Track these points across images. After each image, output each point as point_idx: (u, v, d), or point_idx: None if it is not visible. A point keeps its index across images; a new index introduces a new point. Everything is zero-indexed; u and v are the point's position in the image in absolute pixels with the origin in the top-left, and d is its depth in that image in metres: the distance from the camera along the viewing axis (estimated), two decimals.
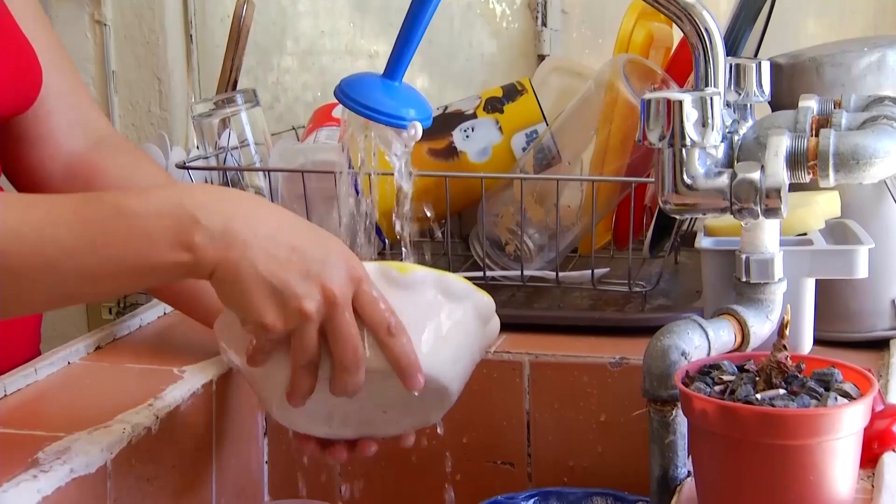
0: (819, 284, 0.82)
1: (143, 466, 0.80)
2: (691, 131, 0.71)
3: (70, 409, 0.83)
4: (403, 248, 0.92)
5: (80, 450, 0.74)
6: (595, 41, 1.36)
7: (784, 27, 1.25)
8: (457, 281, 0.76)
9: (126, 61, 1.49)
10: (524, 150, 1.10)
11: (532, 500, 0.90)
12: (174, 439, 0.84)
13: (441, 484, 0.95)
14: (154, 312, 1.05)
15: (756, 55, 1.03)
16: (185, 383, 0.87)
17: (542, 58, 1.36)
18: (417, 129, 0.92)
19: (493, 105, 1.12)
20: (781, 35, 1.21)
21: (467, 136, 1.11)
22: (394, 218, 0.85)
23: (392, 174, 1.03)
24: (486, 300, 0.78)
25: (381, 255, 1.19)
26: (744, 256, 0.76)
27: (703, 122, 0.72)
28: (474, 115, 1.12)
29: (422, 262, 0.94)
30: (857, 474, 0.67)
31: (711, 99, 0.72)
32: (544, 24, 1.35)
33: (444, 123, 1.11)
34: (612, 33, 1.12)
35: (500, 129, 1.11)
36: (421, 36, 0.95)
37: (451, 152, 1.11)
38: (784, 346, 0.68)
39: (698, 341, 0.73)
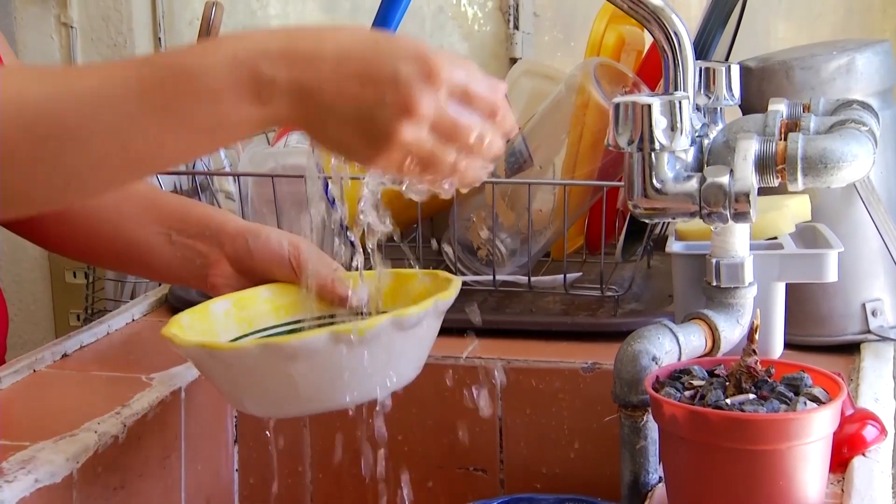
0: (789, 288, 0.83)
1: (109, 475, 0.79)
2: (660, 135, 0.72)
3: (35, 417, 0.82)
4: (371, 254, 0.92)
5: (45, 459, 0.74)
6: (567, 44, 1.37)
7: (754, 30, 1.26)
8: (410, 314, 0.73)
9: (94, 61, 1.48)
10: None
11: None
12: (142, 447, 0.84)
13: (416, 490, 0.96)
14: (122, 319, 1.05)
15: (727, 58, 1.04)
16: (154, 391, 0.87)
17: (513, 61, 1.36)
18: None
19: None
20: (752, 38, 1.22)
21: None
22: (361, 221, 0.84)
23: (362, 178, 1.03)
24: (444, 301, 0.76)
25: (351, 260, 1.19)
26: (714, 261, 0.76)
27: (672, 126, 0.72)
28: None
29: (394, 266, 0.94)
30: (826, 479, 0.67)
31: (680, 103, 0.72)
32: (516, 26, 1.36)
33: None
34: (584, 36, 1.12)
35: None
36: (398, 25, 0.95)
37: None
38: (754, 351, 0.69)
39: (669, 346, 0.74)
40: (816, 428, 0.64)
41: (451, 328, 0.99)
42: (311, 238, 0.92)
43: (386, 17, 0.94)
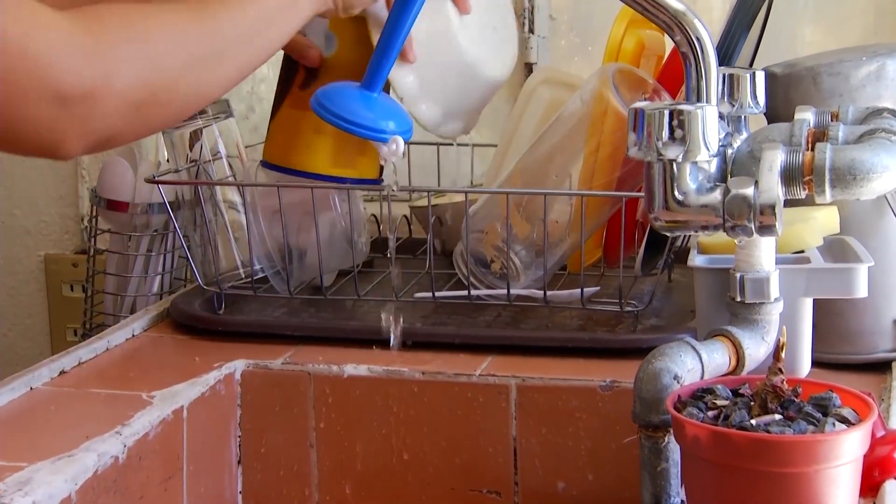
0: (817, 304, 0.83)
1: (109, 497, 0.80)
2: (682, 145, 0.72)
3: (32, 437, 0.83)
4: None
5: (42, 480, 0.74)
6: (584, 48, 1.37)
7: (780, 34, 1.26)
8: None
9: None
10: None
11: None
12: (143, 468, 0.84)
13: None
14: (122, 334, 1.05)
15: (751, 64, 1.04)
16: (155, 409, 0.88)
17: (529, 66, 1.36)
18: (399, 144, 0.93)
19: None
20: (777, 43, 1.22)
21: None
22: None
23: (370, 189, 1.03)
24: None
25: (368, 265, 1.19)
26: (738, 275, 0.77)
27: (695, 136, 0.72)
28: None
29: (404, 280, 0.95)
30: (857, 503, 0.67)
31: (703, 111, 0.72)
32: (531, 30, 1.36)
33: None
34: (602, 40, 1.13)
35: None
36: (402, 43, 0.96)
37: None
38: (780, 370, 0.69)
39: (691, 364, 0.74)
40: (846, 450, 0.64)
41: (464, 345, 0.99)
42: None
43: (397, 21, 0.94)
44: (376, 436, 0.96)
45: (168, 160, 1.17)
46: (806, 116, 0.79)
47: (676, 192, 0.73)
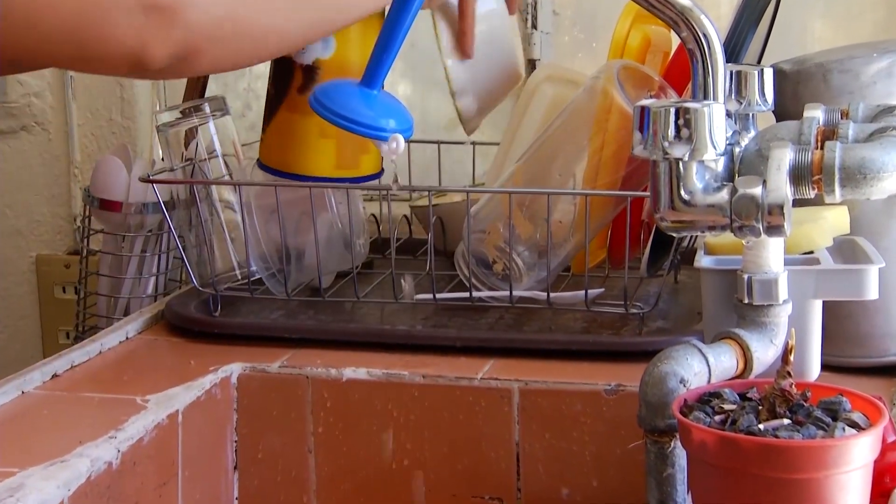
0: (827, 306, 0.83)
1: None
2: (688, 143, 0.72)
3: (24, 442, 0.83)
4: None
5: (34, 486, 0.74)
6: (588, 44, 1.37)
7: (789, 30, 1.26)
8: None
9: None
10: None
11: None
12: (137, 474, 0.84)
13: None
14: (115, 337, 1.05)
15: (760, 61, 1.04)
16: (150, 413, 0.88)
17: (532, 62, 1.37)
18: (399, 142, 0.93)
19: None
20: (786, 39, 1.22)
21: None
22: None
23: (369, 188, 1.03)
24: None
25: (367, 266, 1.19)
26: (746, 277, 0.77)
27: (702, 134, 0.72)
28: None
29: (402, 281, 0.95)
30: None
31: (710, 109, 0.72)
32: (534, 26, 1.36)
33: None
34: (607, 36, 1.13)
35: None
36: (402, 39, 0.96)
37: None
38: (788, 373, 0.69)
39: (698, 367, 0.74)
40: (856, 456, 0.65)
41: (466, 347, 0.99)
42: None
43: (397, 16, 0.94)
44: (376, 441, 0.97)
45: (163, 158, 1.17)
46: (815, 114, 0.79)
47: (683, 192, 0.73)
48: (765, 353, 0.77)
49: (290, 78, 1.04)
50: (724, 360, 0.75)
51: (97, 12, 0.76)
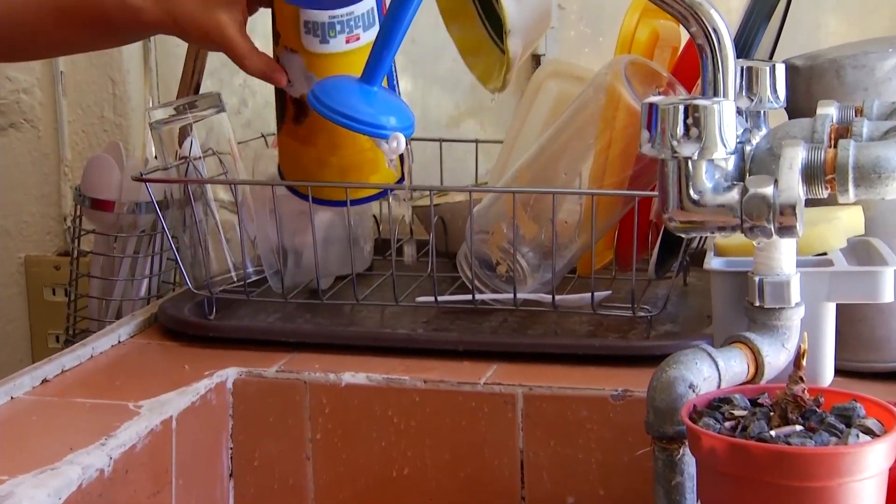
0: (840, 309, 0.83)
1: None
2: (698, 141, 0.72)
3: (13, 449, 0.83)
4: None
5: (24, 494, 0.74)
6: (595, 39, 1.37)
7: (802, 25, 1.26)
8: None
9: (76, 61, 1.50)
10: None
11: None
12: (130, 482, 0.84)
13: None
14: (107, 341, 1.06)
15: (771, 56, 1.04)
16: (142, 420, 0.88)
17: (536, 58, 1.37)
18: (399, 141, 0.93)
19: None
20: (799, 34, 1.22)
21: None
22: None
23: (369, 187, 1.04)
24: None
25: (367, 268, 1.20)
26: (757, 279, 0.77)
27: (711, 132, 0.72)
28: None
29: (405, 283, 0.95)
30: None
31: (720, 106, 0.72)
32: None
33: None
34: (614, 30, 1.13)
35: None
36: (403, 34, 0.96)
37: None
38: (801, 378, 0.69)
39: (707, 372, 0.74)
40: (870, 463, 0.65)
41: (468, 352, 1.00)
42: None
43: (398, 11, 0.95)
44: (376, 448, 0.97)
45: (156, 157, 1.17)
46: (828, 111, 0.79)
47: (692, 192, 0.73)
48: (776, 357, 0.77)
49: (284, 109, 1.04)
50: (734, 365, 0.75)
51: None
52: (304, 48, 0.99)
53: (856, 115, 0.81)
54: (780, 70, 0.83)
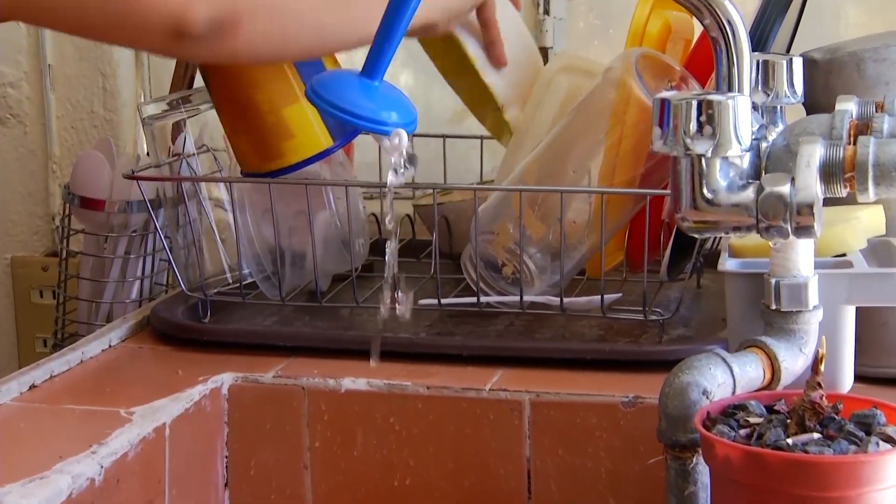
0: (860, 313, 0.83)
1: None
2: (711, 138, 0.72)
3: (0, 457, 0.83)
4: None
5: None
6: (605, 31, 1.37)
7: (820, 16, 1.26)
8: None
9: (65, 53, 1.50)
10: None
11: None
12: (121, 492, 0.85)
13: None
14: (98, 345, 1.06)
15: (788, 49, 1.04)
16: (134, 427, 0.88)
17: (544, 50, 1.37)
18: (401, 137, 0.93)
19: None
20: (817, 25, 1.22)
21: None
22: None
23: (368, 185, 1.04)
24: None
25: (367, 269, 1.20)
26: (773, 281, 0.77)
27: (726, 128, 0.73)
28: None
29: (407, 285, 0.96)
30: None
31: (735, 101, 0.73)
32: (546, 11, 1.37)
33: None
34: (624, 22, 1.13)
35: None
36: (405, 27, 0.96)
37: None
38: (819, 384, 0.69)
39: (722, 378, 0.74)
40: (891, 472, 0.65)
41: (473, 357, 1.00)
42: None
43: (400, 2, 0.95)
44: (377, 456, 0.97)
45: (148, 154, 1.17)
46: (848, 107, 0.79)
47: (705, 190, 0.73)
48: (794, 362, 0.77)
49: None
50: (749, 370, 0.76)
51: None
52: None
53: (876, 111, 0.81)
54: (798, 63, 0.83)
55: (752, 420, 0.70)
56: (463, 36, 1.11)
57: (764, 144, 0.77)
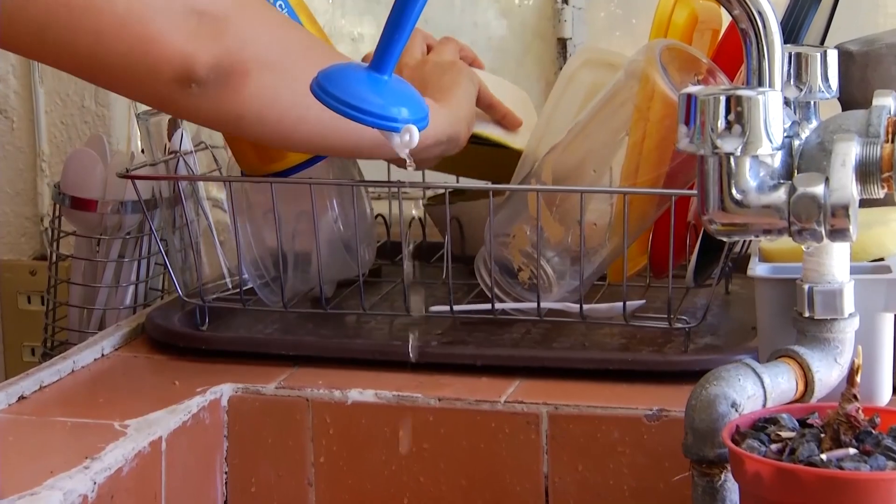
0: None
1: None
2: (741, 136, 0.73)
3: None
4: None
5: None
6: (627, 21, 1.37)
7: (857, 5, 1.26)
8: None
9: None
10: None
11: None
12: None
13: None
14: (90, 354, 1.06)
15: (823, 41, 1.04)
16: (129, 440, 0.89)
17: (562, 42, 1.37)
18: (412, 134, 0.94)
19: None
20: (853, 15, 1.22)
21: None
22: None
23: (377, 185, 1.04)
24: None
25: (375, 274, 1.20)
26: (806, 287, 0.77)
27: (756, 125, 0.73)
28: None
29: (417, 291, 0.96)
30: None
31: (766, 96, 0.73)
32: (565, 1, 1.37)
33: None
34: (648, 12, 1.13)
35: None
36: (416, 17, 0.97)
37: None
38: (855, 396, 0.70)
39: (751, 390, 0.74)
40: None
41: (487, 367, 1.00)
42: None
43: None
44: (385, 472, 0.97)
45: (143, 151, 1.18)
46: (886, 102, 0.79)
47: (734, 191, 0.74)
48: (828, 373, 0.77)
49: None
50: (781, 382, 0.76)
51: (148, 12, 0.85)
52: None
53: None
54: (833, 56, 0.83)
55: (784, 434, 0.70)
56: (482, 126, 1.15)
57: (796, 142, 0.77)
